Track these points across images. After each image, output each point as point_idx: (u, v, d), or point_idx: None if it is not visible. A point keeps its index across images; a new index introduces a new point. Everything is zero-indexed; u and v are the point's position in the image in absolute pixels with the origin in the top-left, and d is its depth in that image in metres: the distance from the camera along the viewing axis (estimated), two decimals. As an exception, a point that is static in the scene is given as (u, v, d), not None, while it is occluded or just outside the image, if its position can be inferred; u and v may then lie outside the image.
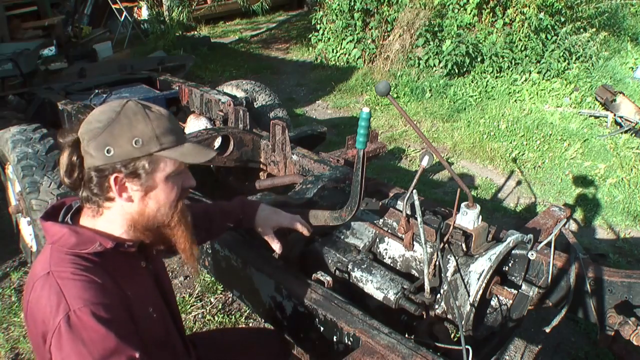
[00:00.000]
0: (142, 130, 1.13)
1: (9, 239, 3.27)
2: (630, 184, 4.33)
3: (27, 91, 4.11)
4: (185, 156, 1.19)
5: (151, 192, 1.18)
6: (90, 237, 1.16)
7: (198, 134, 2.73)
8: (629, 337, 1.64)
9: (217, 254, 1.93)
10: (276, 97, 4.00)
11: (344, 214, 1.67)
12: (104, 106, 1.18)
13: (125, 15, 8.92)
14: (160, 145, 1.15)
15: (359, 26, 7.39)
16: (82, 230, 1.17)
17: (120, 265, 1.20)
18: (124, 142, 1.12)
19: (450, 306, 1.61)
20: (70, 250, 1.13)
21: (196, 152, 1.22)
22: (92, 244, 1.14)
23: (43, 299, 1.06)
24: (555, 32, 6.78)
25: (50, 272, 1.08)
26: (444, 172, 4.53)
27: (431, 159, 1.53)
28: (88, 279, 1.07)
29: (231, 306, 2.89)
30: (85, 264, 1.11)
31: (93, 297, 1.05)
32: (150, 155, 1.14)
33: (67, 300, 1.03)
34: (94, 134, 1.12)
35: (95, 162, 1.13)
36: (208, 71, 7.38)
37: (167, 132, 1.17)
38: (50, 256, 1.12)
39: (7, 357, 2.53)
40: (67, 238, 1.14)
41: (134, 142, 1.12)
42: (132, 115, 1.14)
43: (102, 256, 1.16)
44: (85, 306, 1.02)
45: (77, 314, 1.01)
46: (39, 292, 1.08)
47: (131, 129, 1.13)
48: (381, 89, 1.48)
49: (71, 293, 1.04)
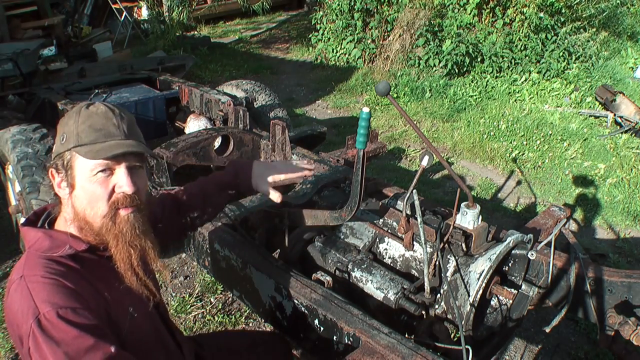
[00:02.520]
0: (69, 127, 1.17)
1: (9, 239, 3.27)
2: (630, 184, 4.33)
3: (27, 91, 4.11)
4: (89, 153, 1.14)
5: (74, 190, 1.18)
6: (62, 240, 1.17)
7: (198, 134, 2.74)
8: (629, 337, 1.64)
9: (217, 254, 1.93)
10: (276, 97, 4.00)
11: (344, 214, 1.66)
12: None
13: (125, 15, 8.92)
14: (77, 142, 1.16)
15: (359, 26, 7.39)
16: (55, 233, 1.19)
17: (96, 267, 1.20)
18: (58, 138, 1.20)
19: (450, 306, 1.61)
20: (43, 254, 1.15)
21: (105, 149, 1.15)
22: (64, 247, 1.16)
23: (15, 304, 1.08)
24: (555, 32, 6.79)
25: (22, 276, 1.10)
26: (444, 172, 4.53)
27: (431, 159, 1.53)
28: (57, 283, 1.08)
29: (231, 306, 2.89)
30: (57, 268, 1.12)
31: (61, 301, 1.05)
32: (68, 150, 1.17)
33: (36, 303, 1.04)
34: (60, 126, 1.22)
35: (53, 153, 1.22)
36: (208, 71, 7.38)
37: (90, 129, 1.16)
38: (25, 261, 1.15)
39: (7, 357, 2.53)
40: (41, 242, 1.16)
41: (61, 139, 1.18)
42: (73, 113, 1.20)
43: (77, 259, 1.17)
44: (53, 309, 1.03)
45: (47, 317, 1.02)
46: (12, 296, 1.10)
47: (64, 126, 1.19)
48: (381, 89, 1.47)
49: (40, 296, 1.05)
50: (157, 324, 1.36)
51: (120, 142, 1.17)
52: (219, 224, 1.97)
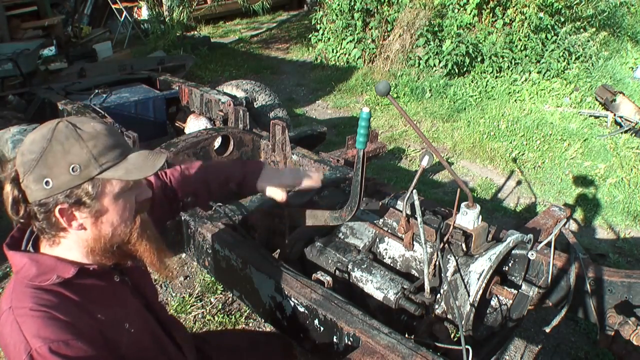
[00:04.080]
0: (78, 154, 1.06)
1: (9, 239, 3.27)
2: (630, 184, 4.33)
3: (27, 91, 4.11)
4: (130, 173, 1.11)
5: (102, 216, 1.12)
6: (50, 266, 1.11)
7: (198, 134, 2.74)
8: (629, 337, 1.64)
9: (217, 254, 1.93)
10: (276, 97, 4.00)
11: (344, 214, 1.66)
12: (34, 133, 1.09)
13: (125, 15, 8.92)
14: (100, 167, 1.08)
15: (359, 26, 7.39)
16: (42, 258, 1.12)
17: (87, 288, 1.15)
18: (60, 171, 1.05)
19: (450, 306, 1.61)
20: (31, 283, 1.09)
21: (142, 165, 1.13)
22: (52, 275, 1.09)
23: (6, 337, 1.05)
24: (555, 32, 6.78)
25: (11, 308, 1.06)
26: (444, 172, 4.53)
27: (431, 159, 1.53)
28: (47, 314, 1.04)
29: (231, 306, 2.89)
30: (46, 298, 1.06)
31: (52, 335, 1.02)
32: (91, 179, 1.07)
33: (27, 339, 1.01)
34: (29, 166, 1.05)
35: (37, 196, 1.06)
36: (208, 71, 7.38)
37: (106, 150, 1.09)
38: (13, 290, 1.09)
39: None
40: (27, 269, 1.09)
41: (71, 169, 1.05)
42: (64, 139, 1.06)
43: (65, 284, 1.11)
44: (45, 344, 1.00)
45: (39, 352, 0.99)
46: (2, 327, 1.06)
47: (66, 155, 1.05)
48: (381, 89, 1.47)
49: (30, 331, 1.02)
50: (155, 331, 1.34)
51: (148, 153, 1.17)
52: (219, 224, 1.97)
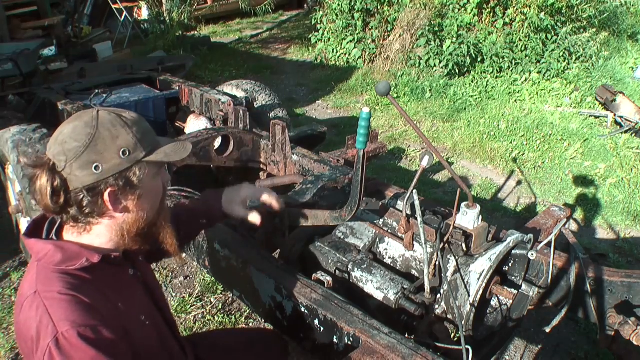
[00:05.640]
0: (126, 139, 1.13)
1: (9, 239, 3.27)
2: (630, 184, 4.33)
3: (27, 91, 4.11)
4: (169, 155, 1.21)
5: (144, 197, 1.18)
6: (76, 252, 1.13)
7: (198, 134, 2.73)
8: (629, 337, 1.64)
9: (217, 254, 1.93)
10: (276, 97, 4.00)
11: (344, 214, 1.67)
12: (74, 123, 1.13)
13: (125, 15, 8.92)
14: (145, 150, 1.16)
15: (359, 26, 7.39)
16: (67, 245, 1.15)
17: (108, 277, 1.18)
18: (111, 155, 1.11)
19: (450, 306, 1.61)
20: (56, 268, 1.10)
21: (175, 149, 1.23)
22: (79, 260, 1.12)
23: (31, 320, 1.04)
24: (555, 32, 6.78)
25: (37, 292, 1.06)
26: (444, 172, 4.53)
27: (431, 159, 1.53)
28: (75, 299, 1.05)
29: (231, 306, 2.89)
30: (72, 282, 1.09)
31: (80, 319, 1.03)
32: (138, 162, 1.15)
33: (55, 322, 1.01)
34: (74, 153, 1.08)
35: (85, 182, 1.09)
36: (208, 71, 7.38)
37: (146, 134, 1.18)
38: (37, 274, 1.10)
39: (7, 357, 2.53)
40: (52, 255, 1.11)
41: (122, 153, 1.12)
42: (111, 126, 1.12)
43: (90, 271, 1.13)
44: (73, 328, 1.01)
45: (65, 336, 1.00)
46: (27, 312, 1.06)
47: (115, 140, 1.11)
48: (381, 89, 1.48)
49: (58, 314, 1.02)
50: (163, 330, 1.35)
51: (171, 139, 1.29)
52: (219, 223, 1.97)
